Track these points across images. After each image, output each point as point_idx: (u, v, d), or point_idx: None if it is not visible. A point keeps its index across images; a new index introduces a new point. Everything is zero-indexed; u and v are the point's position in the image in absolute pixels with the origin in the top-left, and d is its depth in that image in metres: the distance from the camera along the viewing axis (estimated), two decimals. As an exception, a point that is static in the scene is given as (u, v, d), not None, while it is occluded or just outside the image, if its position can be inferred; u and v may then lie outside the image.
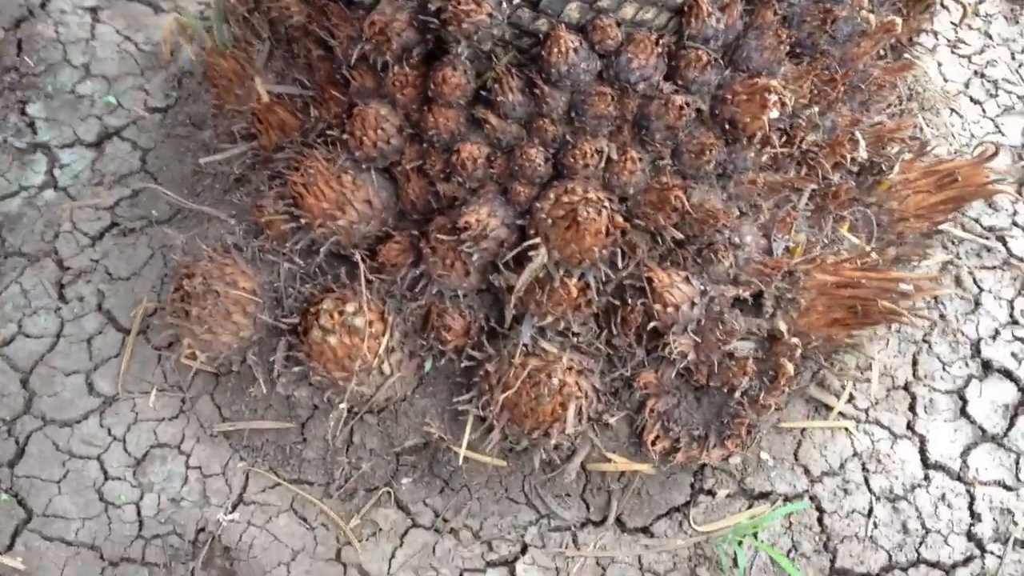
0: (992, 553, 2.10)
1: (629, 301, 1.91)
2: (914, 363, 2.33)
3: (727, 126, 1.80)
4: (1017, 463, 2.21)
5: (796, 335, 1.94)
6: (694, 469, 2.15)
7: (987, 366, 2.33)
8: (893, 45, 2.23)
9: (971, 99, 2.77)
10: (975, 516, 2.14)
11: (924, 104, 2.63)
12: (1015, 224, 2.53)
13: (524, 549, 2.07)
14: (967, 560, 2.09)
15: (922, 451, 2.22)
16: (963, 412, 2.28)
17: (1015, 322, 2.38)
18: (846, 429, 2.23)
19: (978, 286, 2.43)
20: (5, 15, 2.64)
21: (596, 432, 2.07)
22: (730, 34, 1.81)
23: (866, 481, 2.18)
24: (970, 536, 2.11)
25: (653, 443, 2.02)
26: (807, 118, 1.93)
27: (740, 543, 2.05)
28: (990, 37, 2.91)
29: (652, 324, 1.90)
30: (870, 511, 2.13)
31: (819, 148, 1.99)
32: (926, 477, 2.19)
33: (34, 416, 2.13)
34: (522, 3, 1.67)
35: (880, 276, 1.89)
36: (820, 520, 2.12)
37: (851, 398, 2.25)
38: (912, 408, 2.28)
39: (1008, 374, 2.32)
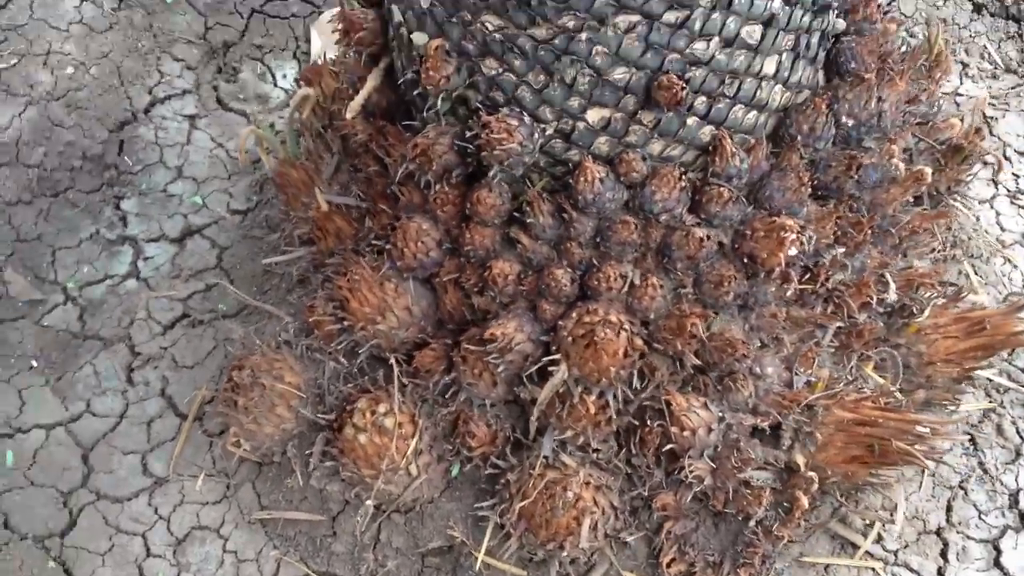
0: None
1: (648, 422, 1.98)
2: (948, 509, 2.31)
3: (747, 260, 1.89)
4: (1049, 619, 2.16)
5: (813, 469, 1.97)
6: (713, 596, 2.16)
7: (1025, 518, 2.30)
8: (931, 194, 2.29)
9: (1027, 250, 2.79)
10: (1002, 670, 2.09)
11: (971, 252, 2.65)
12: (1063, 376, 2.51)
13: (539, 661, 2.10)
14: None
15: (951, 599, 2.20)
16: (996, 563, 2.24)
17: (1057, 476, 2.35)
18: (873, 570, 2.21)
19: (1020, 436, 2.40)
20: (111, 118, 2.90)
21: (614, 549, 2.11)
22: (755, 174, 1.91)
23: (891, 625, 2.16)
24: None
25: (669, 565, 2.05)
26: (832, 258, 2.00)
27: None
28: (1052, 190, 2.93)
29: (669, 446, 1.95)
30: (893, 656, 2.11)
31: (846, 287, 2.05)
32: (954, 626, 2.16)
33: (89, 490, 2.29)
34: (555, 134, 1.81)
35: (898, 417, 1.91)
36: (839, 661, 2.10)
37: (879, 538, 2.23)
38: (944, 554, 2.25)
39: (1046, 527, 2.28)
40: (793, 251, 1.85)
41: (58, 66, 3.01)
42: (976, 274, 2.65)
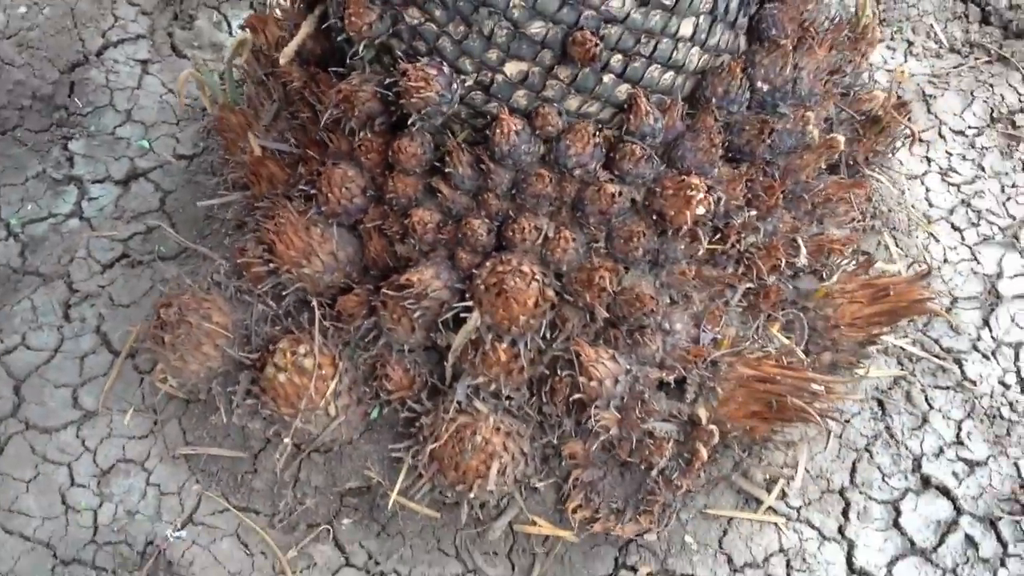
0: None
1: (559, 372, 2.04)
2: (853, 470, 2.39)
3: (656, 217, 1.95)
4: (942, 579, 2.26)
5: (715, 423, 2.05)
6: (620, 544, 2.24)
7: (926, 482, 2.38)
8: (848, 163, 2.36)
9: (952, 226, 2.86)
10: (894, 625, 2.19)
11: (892, 224, 2.73)
12: (975, 349, 2.59)
13: (447, 599, 2.18)
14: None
15: (849, 556, 2.28)
16: (895, 523, 2.33)
17: (960, 443, 2.43)
18: (775, 524, 2.30)
19: (928, 404, 2.49)
20: (63, 59, 2.93)
21: (523, 495, 2.19)
22: (670, 134, 1.97)
23: (788, 577, 2.25)
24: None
25: (574, 511, 2.13)
26: (743, 220, 2.06)
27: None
28: (983, 169, 2.99)
29: (578, 396, 2.02)
30: (786, 607, 2.20)
31: (757, 249, 2.12)
32: (848, 581, 2.25)
33: (19, 420, 2.34)
34: (475, 86, 1.86)
35: (795, 375, 1.99)
36: (735, 609, 2.19)
37: (783, 495, 2.32)
38: (845, 513, 2.33)
39: (946, 492, 2.36)
40: (701, 210, 1.91)
41: (11, 5, 3.03)
42: (897, 246, 2.73)
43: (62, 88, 2.91)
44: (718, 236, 2.06)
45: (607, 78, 1.87)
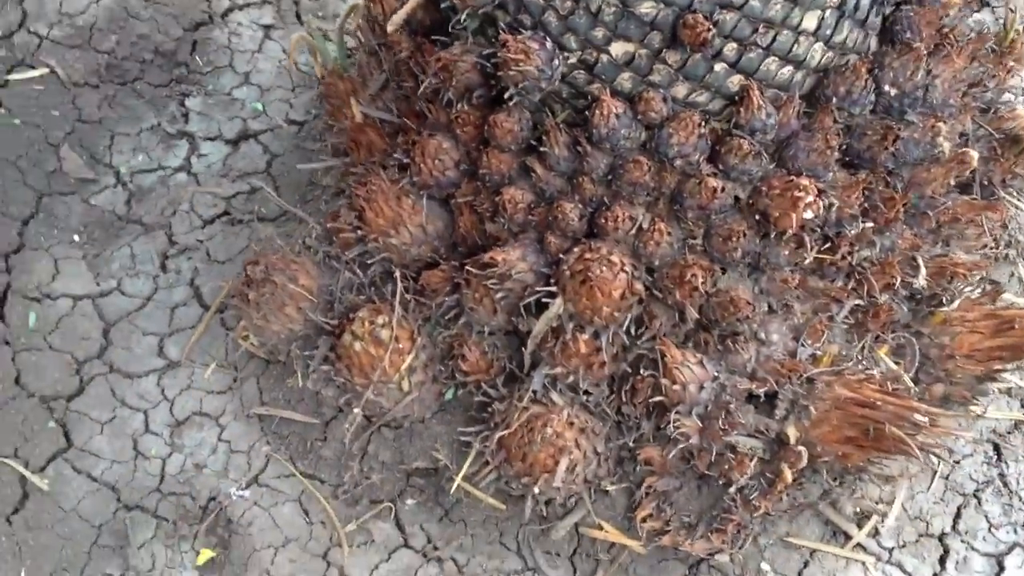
0: None
1: (641, 371, 1.94)
2: (957, 515, 2.21)
3: (760, 218, 1.83)
4: (1044, 645, 2.06)
5: (805, 444, 1.91)
6: (691, 561, 2.12)
7: (1038, 539, 2.20)
8: (983, 183, 2.18)
9: (1096, 267, 2.63)
10: None
11: (1025, 255, 2.53)
12: (1109, 400, 2.37)
13: (502, 595, 2.10)
14: None
15: (942, 607, 2.11)
16: (997, 579, 2.15)
17: (1082, 499, 2.23)
18: (863, 563, 2.14)
19: (1051, 454, 2.29)
20: (187, 17, 2.97)
21: (593, 497, 2.09)
22: (783, 131, 1.84)
23: (871, 622, 2.09)
24: None
25: (643, 520, 2.03)
26: (859, 231, 1.92)
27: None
28: None
29: (659, 398, 1.92)
30: (869, 653, 2.04)
31: (871, 265, 1.97)
32: (939, 635, 2.08)
33: (103, 362, 2.36)
34: (578, 65, 1.78)
35: (898, 402, 1.84)
36: (811, 649, 2.05)
37: (875, 532, 2.16)
38: (942, 561, 2.16)
39: (1059, 552, 2.17)
40: (808, 214, 1.78)
41: (138, -38, 3.09)
42: (1030, 279, 2.52)
43: (184, 46, 2.94)
44: (828, 246, 1.92)
45: (719, 67, 1.76)
